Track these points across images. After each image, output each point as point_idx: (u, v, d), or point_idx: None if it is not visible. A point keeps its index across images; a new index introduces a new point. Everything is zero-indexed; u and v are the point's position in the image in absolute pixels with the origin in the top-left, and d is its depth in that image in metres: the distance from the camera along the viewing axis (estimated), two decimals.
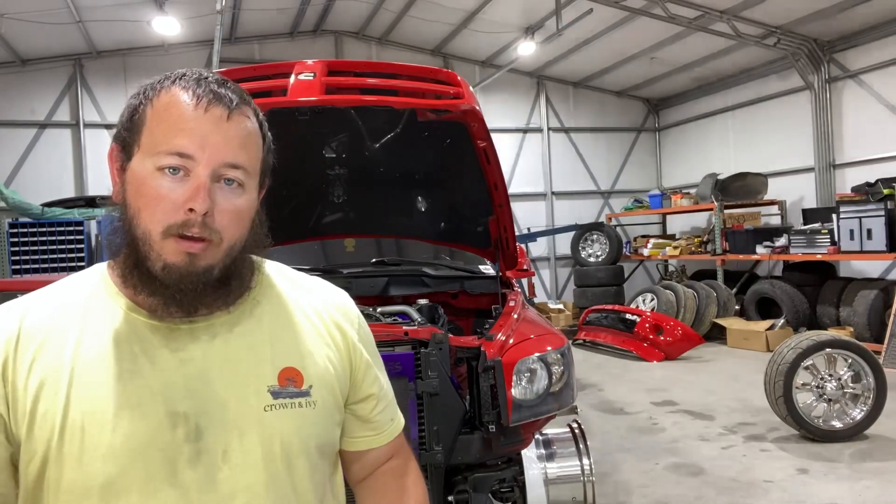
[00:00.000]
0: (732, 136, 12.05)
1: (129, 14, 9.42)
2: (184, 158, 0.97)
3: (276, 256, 1.17)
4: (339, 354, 1.14)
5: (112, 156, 1.05)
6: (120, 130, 1.04)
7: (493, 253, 3.48)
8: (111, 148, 1.06)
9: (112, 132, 1.42)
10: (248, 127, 1.03)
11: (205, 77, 1.02)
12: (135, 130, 1.01)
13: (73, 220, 9.35)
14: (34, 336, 1.00)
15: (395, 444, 1.25)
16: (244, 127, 1.02)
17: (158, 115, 0.99)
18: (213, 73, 1.05)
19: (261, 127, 1.07)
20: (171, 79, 1.02)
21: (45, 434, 0.96)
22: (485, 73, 12.67)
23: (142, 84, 1.03)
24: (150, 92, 1.02)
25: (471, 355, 2.68)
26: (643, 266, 13.11)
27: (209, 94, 0.99)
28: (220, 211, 0.99)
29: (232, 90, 1.02)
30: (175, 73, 1.03)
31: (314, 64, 2.70)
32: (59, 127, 10.84)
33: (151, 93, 1.01)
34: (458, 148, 2.96)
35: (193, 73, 1.03)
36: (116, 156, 1.04)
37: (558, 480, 2.75)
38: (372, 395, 1.19)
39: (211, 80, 1.02)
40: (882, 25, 9.14)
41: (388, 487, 1.23)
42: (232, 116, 1.00)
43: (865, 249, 8.10)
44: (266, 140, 1.09)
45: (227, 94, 1.01)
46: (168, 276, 0.98)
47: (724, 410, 5.93)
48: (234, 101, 1.01)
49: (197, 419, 1.00)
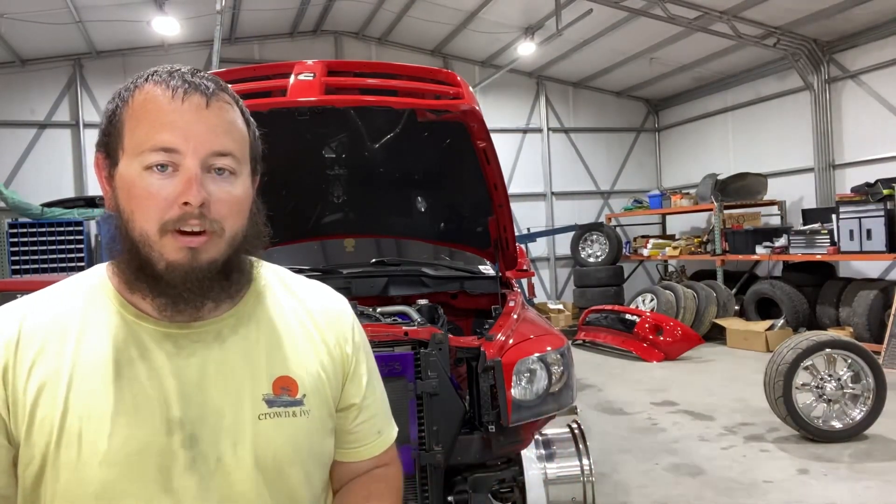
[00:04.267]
0: (732, 136, 12.05)
1: (129, 14, 9.42)
2: (169, 153, 0.95)
3: (275, 256, 1.17)
4: (332, 362, 1.13)
5: (98, 165, 1.04)
6: (101, 137, 1.02)
7: (492, 253, 3.48)
8: (96, 157, 1.04)
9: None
10: (230, 112, 1.01)
11: (177, 69, 1.01)
12: (115, 135, 0.99)
13: (73, 221, 9.36)
14: (34, 339, 0.99)
15: (380, 458, 1.21)
16: (225, 113, 1.00)
17: (136, 115, 0.97)
18: (186, 66, 1.03)
19: (243, 113, 1.05)
20: (143, 77, 1.00)
21: (42, 439, 0.96)
22: (485, 74, 12.68)
23: (116, 88, 1.02)
24: (124, 94, 1.00)
25: (470, 355, 2.68)
26: (643, 266, 13.10)
27: (183, 84, 0.98)
28: (217, 201, 0.97)
29: (207, 79, 1.01)
30: (146, 71, 1.01)
31: (314, 64, 2.70)
32: (59, 127, 10.83)
33: (126, 94, 1.00)
34: (457, 148, 2.96)
35: (165, 68, 1.01)
36: (102, 164, 1.03)
37: (558, 481, 2.75)
38: (353, 406, 1.17)
39: (184, 72, 1.00)
40: (882, 26, 9.14)
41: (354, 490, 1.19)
42: (211, 103, 0.98)
43: (865, 250, 8.10)
44: (251, 126, 1.07)
45: (203, 83, 0.99)
46: (172, 274, 0.97)
47: (723, 411, 5.93)
48: (210, 88, 0.99)
49: (192, 426, 0.99)
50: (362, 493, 1.18)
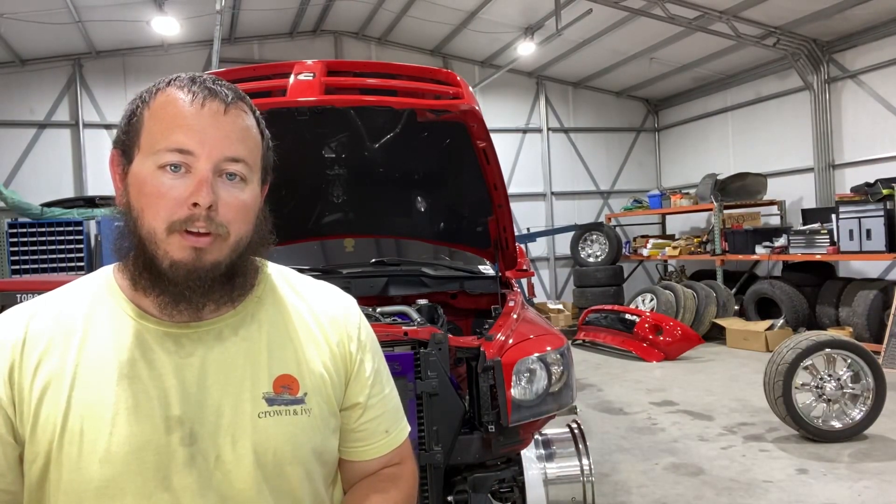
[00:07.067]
0: (732, 136, 12.05)
1: (129, 14, 9.41)
2: (184, 154, 0.98)
3: (275, 256, 1.17)
4: (335, 361, 1.14)
5: (113, 161, 1.06)
6: (119, 135, 1.05)
7: (492, 253, 3.48)
8: (112, 154, 1.07)
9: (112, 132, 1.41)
10: (246, 121, 1.04)
11: (199, 76, 1.04)
12: (133, 133, 1.02)
13: (73, 221, 9.34)
14: (39, 340, 1.02)
15: (390, 457, 1.21)
16: (241, 121, 1.03)
17: (156, 116, 1.00)
18: (208, 74, 1.07)
19: (258, 123, 1.08)
20: (165, 81, 1.04)
21: (46, 436, 0.98)
22: (484, 73, 12.67)
23: (139, 91, 1.05)
24: (146, 95, 1.03)
25: (470, 355, 2.68)
26: (642, 266, 13.11)
27: (204, 90, 1.01)
28: (225, 205, 0.99)
29: (227, 87, 1.04)
30: (170, 76, 1.05)
31: (314, 64, 2.70)
32: (59, 127, 10.83)
33: (148, 96, 1.03)
34: (457, 148, 2.96)
35: (188, 74, 1.04)
36: (118, 161, 1.05)
37: (558, 480, 2.75)
38: (357, 405, 1.17)
39: (205, 79, 1.04)
40: (881, 26, 9.14)
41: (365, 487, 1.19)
42: (229, 111, 1.01)
43: (865, 249, 8.10)
44: (265, 136, 1.10)
45: (223, 91, 1.02)
46: (176, 272, 0.98)
47: (723, 410, 5.93)
48: (229, 97, 1.02)
49: (192, 424, 1.01)
50: (362, 492, 1.18)
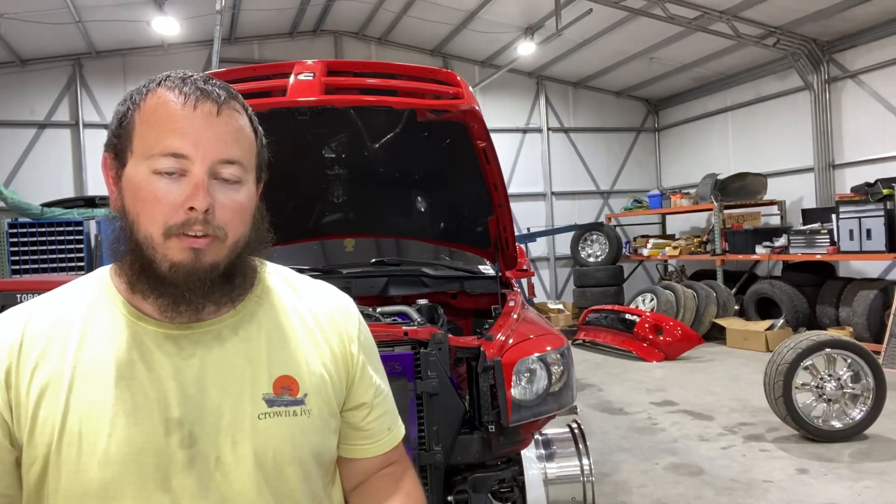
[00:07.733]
0: (732, 136, 12.05)
1: (129, 14, 9.42)
2: (179, 159, 0.96)
3: (275, 256, 1.17)
4: (335, 362, 1.14)
5: (106, 165, 1.05)
6: (111, 138, 1.03)
7: (492, 253, 3.48)
8: (104, 157, 1.05)
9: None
10: (239, 121, 1.03)
11: (189, 76, 1.02)
12: (125, 136, 1.00)
13: (73, 221, 9.34)
14: (37, 342, 1.01)
15: (391, 455, 1.24)
16: (235, 121, 1.02)
17: (147, 118, 0.99)
18: (199, 73, 1.05)
19: (251, 121, 1.07)
20: (155, 81, 1.02)
21: (45, 439, 0.97)
22: (484, 73, 12.67)
23: (128, 91, 1.03)
24: (136, 96, 1.01)
25: (470, 355, 2.68)
26: (643, 266, 13.10)
27: (196, 91, 0.99)
28: (221, 207, 0.99)
29: (218, 86, 1.02)
30: (159, 75, 1.03)
31: (313, 64, 2.70)
32: (59, 127, 10.83)
33: (138, 97, 1.01)
34: (457, 148, 2.96)
35: (178, 74, 1.02)
36: (110, 164, 1.04)
37: (558, 480, 2.75)
38: (364, 404, 1.18)
39: (196, 79, 1.02)
40: (881, 25, 9.14)
41: (383, 487, 1.22)
42: (221, 111, 1.00)
43: (865, 249, 8.10)
44: (258, 134, 1.09)
45: (214, 90, 1.01)
46: (176, 274, 0.98)
47: (723, 410, 5.93)
48: (221, 97, 1.01)
49: (191, 426, 1.00)
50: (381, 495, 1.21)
